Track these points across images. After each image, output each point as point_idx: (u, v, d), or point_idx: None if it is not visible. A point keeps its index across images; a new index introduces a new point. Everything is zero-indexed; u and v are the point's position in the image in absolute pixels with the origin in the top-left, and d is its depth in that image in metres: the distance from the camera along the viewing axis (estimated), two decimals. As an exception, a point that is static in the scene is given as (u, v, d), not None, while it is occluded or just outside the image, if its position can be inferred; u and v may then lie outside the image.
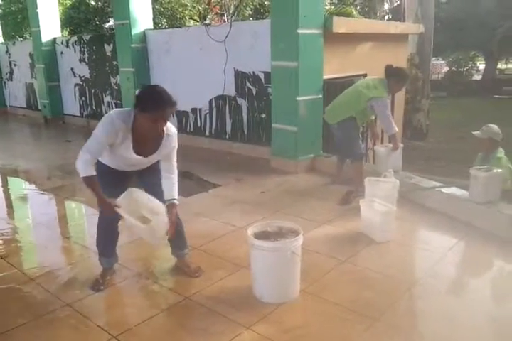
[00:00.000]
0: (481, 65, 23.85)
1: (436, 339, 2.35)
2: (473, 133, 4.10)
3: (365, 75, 6.23)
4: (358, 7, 20.81)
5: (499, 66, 24.79)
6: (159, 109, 2.35)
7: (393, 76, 4.34)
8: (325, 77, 5.36)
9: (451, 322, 2.46)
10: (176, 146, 2.68)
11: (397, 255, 3.27)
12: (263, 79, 5.85)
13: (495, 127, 4.02)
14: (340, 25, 5.34)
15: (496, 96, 18.79)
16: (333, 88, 5.38)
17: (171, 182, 2.69)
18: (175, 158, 2.72)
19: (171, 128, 2.59)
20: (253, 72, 5.96)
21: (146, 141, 2.54)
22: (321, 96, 5.30)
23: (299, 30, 4.94)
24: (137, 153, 2.55)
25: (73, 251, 3.55)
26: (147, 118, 2.38)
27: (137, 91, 2.51)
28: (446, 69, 22.99)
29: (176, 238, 2.90)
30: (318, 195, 4.44)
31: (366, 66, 6.15)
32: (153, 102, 2.35)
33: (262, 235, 2.69)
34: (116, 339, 2.35)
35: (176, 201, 2.68)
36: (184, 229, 3.00)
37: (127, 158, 2.58)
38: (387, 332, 2.39)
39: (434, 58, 16.03)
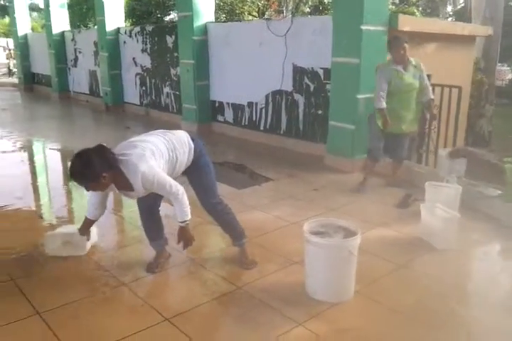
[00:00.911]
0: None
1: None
2: None
3: (429, 76, 6.02)
4: (420, 8, 20.20)
5: None
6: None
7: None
8: (387, 76, 5.19)
9: (506, 332, 2.34)
10: (151, 184, 2.47)
11: (458, 263, 3.12)
12: (322, 76, 5.76)
13: None
14: (406, 23, 5.17)
15: None
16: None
17: (176, 206, 2.59)
18: (166, 190, 2.52)
19: (129, 168, 2.43)
20: (312, 68, 5.88)
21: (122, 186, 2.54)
22: (381, 95, 5.14)
23: (363, 27, 4.83)
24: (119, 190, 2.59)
25: (130, 233, 3.64)
26: None
27: None
28: (510, 76, 21.92)
29: (230, 230, 3.01)
30: (374, 196, 4.32)
31: (430, 67, 5.92)
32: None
33: (318, 232, 2.64)
34: (169, 322, 2.38)
35: (181, 224, 2.62)
36: (236, 220, 3.01)
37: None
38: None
39: (499, 64, 15.30)
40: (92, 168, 2.34)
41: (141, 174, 2.42)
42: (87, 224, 2.94)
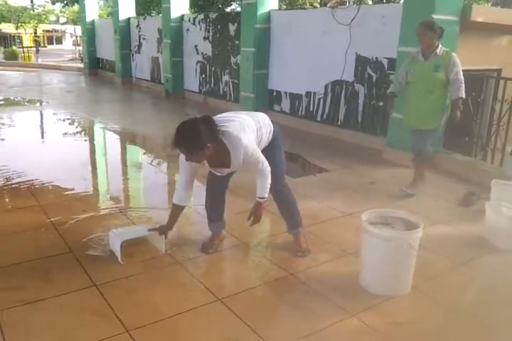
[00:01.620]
0: None
1: None
2: None
3: (499, 71, 5.70)
4: (490, 3, 19.16)
5: None
6: (174, 147, 2.41)
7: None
8: (456, 68, 4.95)
9: None
10: (252, 154, 2.49)
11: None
12: (386, 66, 5.59)
13: None
14: (479, 14, 4.91)
15: None
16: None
17: (260, 182, 2.61)
18: (258, 166, 2.55)
19: (232, 141, 2.44)
20: (376, 58, 5.71)
21: (216, 160, 2.56)
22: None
23: (434, 16, 4.61)
24: (211, 167, 2.65)
25: (186, 214, 3.69)
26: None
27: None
28: None
29: (288, 217, 2.99)
30: (434, 192, 4.15)
31: (501, 61, 5.61)
32: (172, 140, 2.39)
33: (377, 222, 2.57)
34: (221, 302, 2.40)
35: (259, 199, 2.62)
36: (297, 209, 2.99)
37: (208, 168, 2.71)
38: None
39: None
40: (199, 136, 2.31)
41: (244, 147, 2.43)
42: (176, 212, 2.81)
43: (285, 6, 16.89)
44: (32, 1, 27.66)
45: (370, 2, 17.27)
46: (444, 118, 4.01)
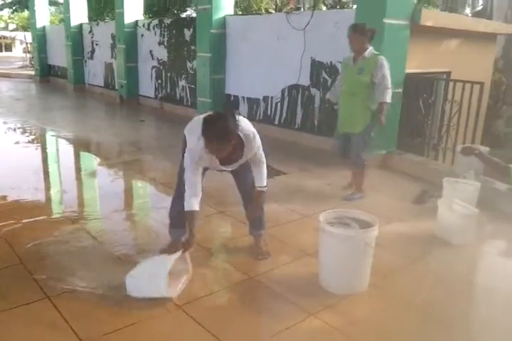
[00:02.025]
0: None
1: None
2: None
3: (449, 73, 5.93)
4: (439, 9, 19.99)
5: None
6: (207, 140, 2.34)
7: None
8: (407, 70, 5.12)
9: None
10: (259, 145, 2.61)
11: (474, 260, 3.04)
12: (340, 70, 5.69)
13: None
14: (429, 18, 5.09)
15: None
16: (414, 83, 5.16)
17: (259, 172, 2.72)
18: (262, 157, 2.69)
19: (246, 134, 2.51)
20: (331, 62, 5.82)
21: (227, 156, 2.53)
22: (401, 90, 5.07)
23: (385, 20, 4.76)
24: (221, 164, 2.61)
25: (138, 222, 3.62)
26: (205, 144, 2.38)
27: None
28: (529, 78, 21.58)
29: (258, 218, 2.96)
30: (389, 191, 4.26)
31: (451, 63, 5.85)
32: (204, 133, 2.34)
33: (334, 222, 2.59)
34: (181, 310, 2.35)
35: (261, 188, 2.73)
36: (263, 210, 2.97)
37: (216, 168, 2.67)
38: (461, 338, 2.24)
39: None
40: (232, 128, 2.35)
41: (256, 140, 2.55)
42: (192, 219, 2.56)
43: (241, 12, 16.99)
44: (-22, 7, 26.57)
45: (324, 8, 17.62)
46: (371, 121, 3.87)
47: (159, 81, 9.12)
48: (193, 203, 2.51)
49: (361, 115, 3.86)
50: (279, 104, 6.61)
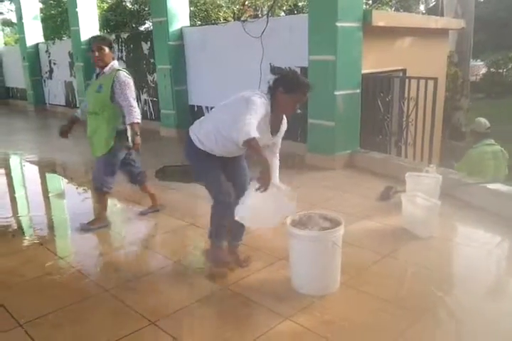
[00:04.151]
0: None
1: (480, 336, 2.23)
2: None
3: (404, 71, 6.10)
4: (393, 8, 20.52)
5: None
6: (304, 91, 2.53)
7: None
8: (363, 71, 5.25)
9: (495, 319, 2.35)
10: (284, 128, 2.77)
11: (441, 251, 3.14)
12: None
13: (481, 119, 4.48)
14: (380, 19, 5.23)
15: (538, 98, 18.07)
16: (371, 83, 5.29)
17: (275, 165, 2.83)
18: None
19: None
20: (289, 68, 5.86)
21: (276, 120, 2.65)
22: (359, 90, 5.19)
23: (338, 23, 4.86)
24: (272, 132, 2.66)
25: (109, 239, 3.58)
26: (289, 99, 2.53)
27: (278, 74, 2.63)
28: (484, 70, 22.34)
29: (240, 227, 2.88)
30: (357, 190, 4.34)
31: (405, 61, 6.01)
32: (300, 85, 2.53)
33: (301, 225, 2.62)
34: (155, 325, 2.33)
35: (277, 183, 2.79)
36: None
37: (260, 141, 2.51)
38: (432, 327, 2.29)
39: (472, 60, 15.61)
40: None
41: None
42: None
43: (199, 22, 17.03)
44: None
45: (283, 13, 17.85)
46: (118, 143, 3.47)
47: (121, 96, 9.02)
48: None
49: (104, 136, 3.45)
50: (242, 111, 6.63)
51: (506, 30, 18.09)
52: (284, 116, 2.72)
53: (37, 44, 11.45)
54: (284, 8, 17.47)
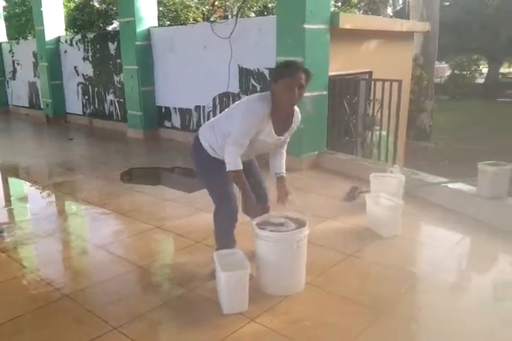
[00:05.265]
0: (484, 69, 23.83)
1: (440, 332, 2.29)
2: None
3: (370, 73, 6.20)
4: (362, 10, 20.86)
5: (502, 70, 24.75)
6: (293, 72, 2.42)
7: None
8: (330, 73, 5.31)
9: (454, 317, 2.41)
10: (296, 127, 2.74)
11: (404, 249, 3.21)
12: (268, 76, 5.80)
13: None
14: (347, 21, 5.30)
15: (499, 99, 18.72)
16: (338, 85, 5.35)
17: (281, 158, 2.82)
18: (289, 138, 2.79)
19: (296, 108, 2.66)
20: (258, 69, 5.92)
21: (282, 118, 2.58)
22: (326, 92, 5.25)
23: (305, 25, 4.90)
24: (276, 133, 2.59)
25: (72, 244, 3.50)
26: (282, 87, 2.42)
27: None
28: (448, 72, 22.98)
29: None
30: (323, 191, 4.38)
31: (371, 64, 6.11)
32: (287, 68, 2.46)
33: (267, 226, 2.63)
34: (117, 331, 2.29)
35: (284, 174, 2.80)
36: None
37: (266, 142, 2.60)
38: (393, 325, 2.34)
39: (437, 62, 16.05)
40: None
41: (299, 114, 2.69)
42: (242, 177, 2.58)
43: (168, 22, 16.87)
44: None
45: (253, 14, 17.87)
46: None
47: (86, 97, 8.88)
48: (239, 163, 2.52)
49: None
50: (211, 112, 6.63)
51: (470, 33, 18.65)
52: (296, 113, 2.65)
53: (0, 44, 11.12)
54: (254, 9, 17.51)
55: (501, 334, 2.27)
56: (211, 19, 17.37)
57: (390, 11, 22.16)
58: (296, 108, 2.64)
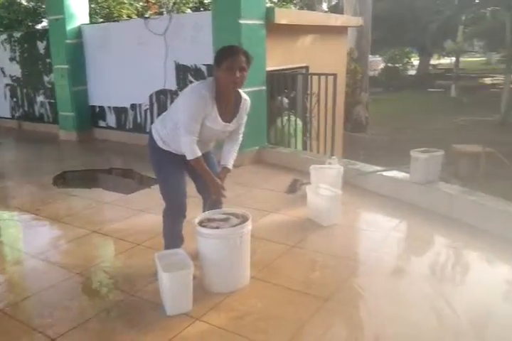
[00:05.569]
0: (416, 61, 24.95)
1: (383, 316, 2.36)
2: None
3: (307, 67, 6.30)
4: (297, 6, 21.17)
5: (432, 62, 26.03)
6: (233, 55, 2.43)
7: None
8: (268, 68, 5.33)
9: (396, 299, 2.50)
10: (248, 112, 2.70)
11: (344, 237, 3.30)
12: (205, 72, 5.74)
13: None
14: (282, 16, 5.35)
15: (430, 89, 19.70)
16: (276, 80, 5.39)
17: (229, 150, 2.76)
18: (243, 129, 2.77)
19: (245, 95, 2.66)
20: (195, 65, 5.84)
21: (228, 103, 2.57)
22: (264, 87, 5.27)
23: (241, 21, 4.88)
24: (222, 119, 2.56)
25: (5, 253, 3.30)
26: (222, 71, 2.42)
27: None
28: (382, 65, 23.86)
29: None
30: (265, 185, 4.41)
31: (308, 58, 6.21)
32: (225, 51, 2.47)
33: (209, 223, 2.60)
34: (56, 343, 2.18)
35: (229, 166, 2.74)
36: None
37: (213, 129, 2.56)
38: (338, 311, 2.39)
39: (371, 56, 16.60)
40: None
41: (248, 100, 2.68)
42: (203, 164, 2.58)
43: (102, 19, 16.30)
44: None
45: (189, 10, 17.63)
46: None
47: (14, 99, 8.41)
48: (197, 150, 2.52)
49: None
50: (148, 110, 6.48)
51: (402, 27, 19.44)
52: (244, 101, 2.63)
53: None
54: (190, 5, 17.29)
55: (443, 315, 2.35)
56: (146, 15, 17.02)
57: (325, 6, 22.68)
58: (245, 96, 2.66)
